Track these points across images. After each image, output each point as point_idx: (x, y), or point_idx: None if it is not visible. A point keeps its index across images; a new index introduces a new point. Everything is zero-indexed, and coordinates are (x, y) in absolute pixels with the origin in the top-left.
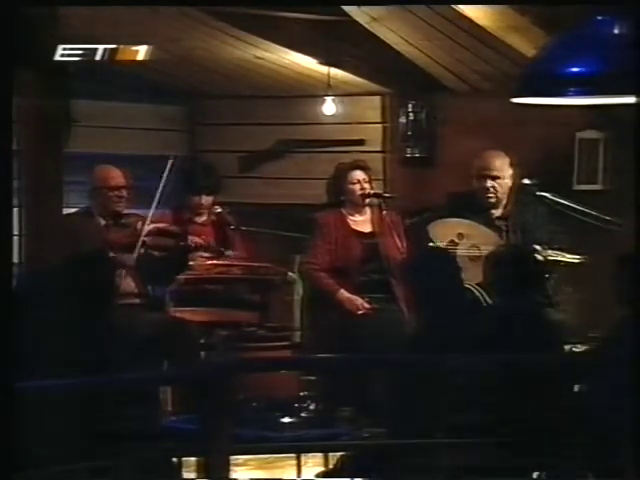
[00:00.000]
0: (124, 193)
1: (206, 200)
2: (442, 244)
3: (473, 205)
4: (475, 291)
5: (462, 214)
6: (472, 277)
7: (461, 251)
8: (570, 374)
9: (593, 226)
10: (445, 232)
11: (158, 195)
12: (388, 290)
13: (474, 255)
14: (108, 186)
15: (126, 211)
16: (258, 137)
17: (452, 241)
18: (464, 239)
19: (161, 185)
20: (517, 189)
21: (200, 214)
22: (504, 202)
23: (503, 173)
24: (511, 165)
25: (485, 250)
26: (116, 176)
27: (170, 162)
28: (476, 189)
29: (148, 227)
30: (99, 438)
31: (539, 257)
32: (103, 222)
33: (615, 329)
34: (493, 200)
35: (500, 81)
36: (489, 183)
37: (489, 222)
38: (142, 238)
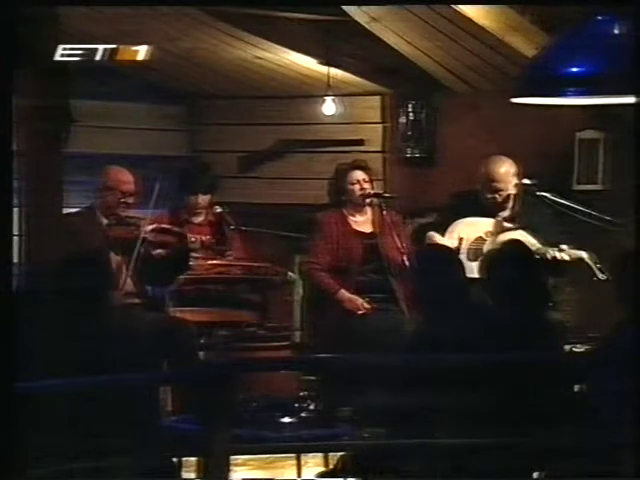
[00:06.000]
0: (131, 200)
1: (203, 200)
2: (465, 244)
3: (480, 206)
4: (477, 291)
5: (469, 215)
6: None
7: (468, 250)
8: (570, 374)
9: (593, 226)
10: (473, 231)
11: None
12: (388, 290)
13: (478, 254)
14: (118, 189)
15: (129, 212)
16: (258, 137)
17: (480, 238)
18: (491, 237)
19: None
20: (521, 190)
21: (198, 214)
22: (510, 204)
23: (508, 181)
24: (516, 169)
25: (488, 250)
26: (127, 181)
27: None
28: (482, 193)
29: (150, 226)
30: (99, 438)
31: (541, 257)
32: (105, 221)
33: (615, 329)
34: (499, 204)
35: (500, 81)
36: (495, 191)
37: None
38: (143, 235)
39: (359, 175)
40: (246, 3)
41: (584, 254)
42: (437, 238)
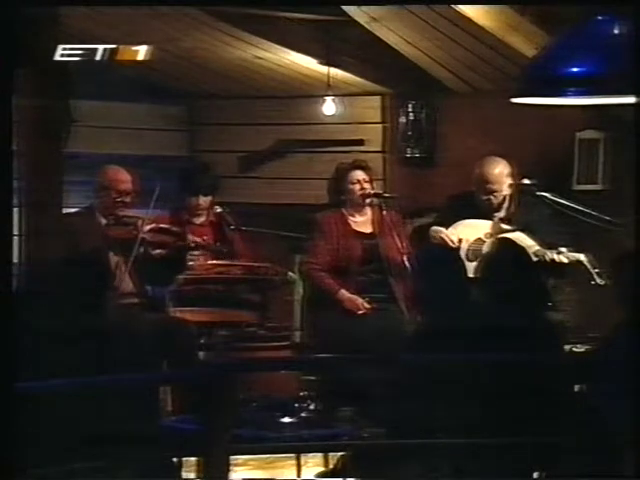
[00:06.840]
0: (129, 199)
1: (204, 200)
2: (465, 244)
3: (477, 206)
4: (476, 291)
5: (466, 216)
6: (474, 277)
7: (467, 251)
8: (570, 374)
9: (593, 226)
10: (472, 232)
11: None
12: (388, 290)
13: (477, 255)
14: (116, 189)
15: (128, 212)
16: (258, 137)
17: (479, 239)
18: (490, 238)
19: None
20: (518, 190)
21: (199, 214)
22: (507, 204)
23: (502, 182)
24: (511, 169)
25: (487, 250)
26: (125, 180)
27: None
28: (477, 195)
29: (149, 226)
30: (99, 438)
31: (540, 257)
32: (104, 221)
33: (615, 329)
34: (494, 205)
35: (500, 81)
36: (489, 192)
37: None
38: (141, 235)
39: (359, 175)
40: (246, 3)
41: (583, 257)
42: (443, 233)
